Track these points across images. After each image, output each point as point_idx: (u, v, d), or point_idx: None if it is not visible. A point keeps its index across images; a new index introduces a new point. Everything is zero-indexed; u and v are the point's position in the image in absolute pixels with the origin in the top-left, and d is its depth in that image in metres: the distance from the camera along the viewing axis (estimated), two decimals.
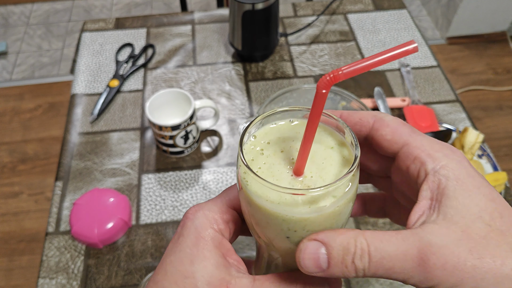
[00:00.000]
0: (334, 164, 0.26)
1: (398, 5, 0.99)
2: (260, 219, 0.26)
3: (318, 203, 0.24)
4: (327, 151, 0.27)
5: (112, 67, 0.87)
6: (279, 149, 0.27)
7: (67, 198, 0.67)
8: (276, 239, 0.26)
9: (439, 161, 0.24)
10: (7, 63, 2.01)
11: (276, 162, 0.27)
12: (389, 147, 0.27)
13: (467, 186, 0.23)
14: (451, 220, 0.22)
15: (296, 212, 0.24)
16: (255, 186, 0.25)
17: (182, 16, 0.97)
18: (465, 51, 1.99)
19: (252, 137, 0.28)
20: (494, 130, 1.69)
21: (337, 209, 0.25)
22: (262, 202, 0.25)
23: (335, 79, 0.22)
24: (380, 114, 0.28)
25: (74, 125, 0.77)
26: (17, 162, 1.62)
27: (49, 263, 0.61)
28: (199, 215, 0.28)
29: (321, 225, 0.25)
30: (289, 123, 0.29)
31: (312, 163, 0.26)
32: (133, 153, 0.73)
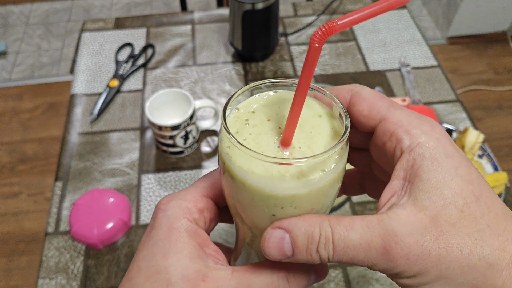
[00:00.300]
0: (323, 133, 0.25)
1: None
2: (244, 197, 0.24)
3: (307, 177, 0.22)
4: (315, 119, 0.25)
5: (112, 67, 0.86)
6: (265, 118, 0.26)
7: (67, 198, 0.67)
8: (261, 219, 0.25)
9: (416, 138, 0.23)
10: (7, 63, 2.01)
11: (262, 132, 0.25)
12: (366, 122, 0.25)
13: (443, 167, 0.22)
14: (421, 205, 0.21)
15: (283, 187, 0.22)
16: (239, 160, 0.23)
17: (182, 15, 0.97)
18: (465, 51, 1.99)
19: (235, 110, 0.26)
20: (495, 130, 1.69)
21: (326, 185, 0.23)
22: (247, 177, 0.23)
23: (330, 31, 0.21)
24: (357, 87, 0.26)
25: (73, 125, 0.77)
26: (17, 162, 1.62)
27: (48, 264, 0.60)
28: (172, 205, 0.26)
29: (309, 201, 0.23)
30: (274, 94, 0.27)
31: (300, 131, 0.24)
32: (132, 153, 0.73)
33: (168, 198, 0.27)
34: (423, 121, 0.24)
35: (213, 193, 0.28)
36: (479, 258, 0.20)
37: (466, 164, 0.22)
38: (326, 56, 0.88)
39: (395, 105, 0.25)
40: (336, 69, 0.85)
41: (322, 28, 0.21)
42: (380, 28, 0.94)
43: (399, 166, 0.23)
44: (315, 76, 0.84)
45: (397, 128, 0.24)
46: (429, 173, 0.22)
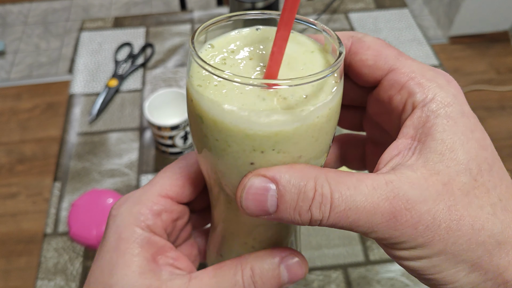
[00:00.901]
0: (316, 70, 0.21)
1: (400, 4, 0.98)
2: (216, 145, 0.20)
3: (294, 108, 0.18)
4: (307, 55, 0.22)
5: (111, 66, 0.86)
6: (247, 57, 0.21)
7: (65, 199, 0.67)
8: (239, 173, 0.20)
9: (431, 92, 0.20)
10: (5, 62, 2.00)
11: (243, 71, 0.21)
12: (371, 74, 0.22)
13: (459, 127, 0.19)
14: (433, 168, 0.19)
15: (263, 122, 0.18)
16: (211, 91, 0.19)
17: (181, 15, 0.96)
18: (467, 50, 1.99)
19: (208, 46, 0.22)
20: (497, 130, 1.69)
21: (318, 122, 0.19)
22: (218, 114, 0.19)
23: None
24: (358, 34, 0.23)
25: (72, 125, 0.76)
26: (15, 162, 1.62)
27: (47, 265, 0.60)
28: (123, 210, 0.24)
29: (297, 143, 0.19)
30: (255, 30, 0.23)
31: (289, 69, 0.21)
32: (132, 153, 0.72)
33: (121, 201, 0.24)
34: (437, 74, 0.21)
35: (174, 190, 0.25)
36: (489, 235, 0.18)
37: (481, 128, 0.20)
38: None
39: (404, 54, 0.22)
40: None
41: None
42: (381, 27, 0.93)
43: (409, 123, 0.20)
44: None
45: (409, 80, 0.21)
46: (443, 133, 0.19)
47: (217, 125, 0.19)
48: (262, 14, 0.23)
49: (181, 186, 0.25)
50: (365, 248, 0.61)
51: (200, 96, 0.20)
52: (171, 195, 0.25)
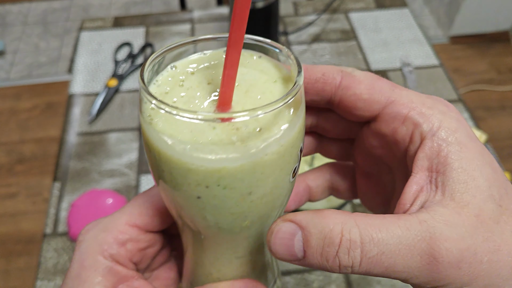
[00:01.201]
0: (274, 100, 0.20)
1: (400, 4, 0.98)
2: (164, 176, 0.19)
3: (240, 145, 0.17)
4: (268, 85, 0.21)
5: (111, 66, 0.86)
6: (205, 81, 0.21)
7: (65, 199, 0.66)
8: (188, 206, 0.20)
9: (436, 120, 0.20)
10: (5, 62, 2.00)
11: (199, 96, 0.20)
12: (366, 108, 0.22)
13: (472, 152, 0.19)
14: (462, 200, 0.18)
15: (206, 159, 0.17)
16: (159, 123, 0.19)
17: (181, 14, 0.96)
18: (467, 50, 1.99)
19: (172, 68, 0.22)
20: (497, 130, 1.69)
21: (266, 159, 0.18)
22: (163, 146, 0.18)
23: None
24: (347, 68, 0.23)
25: (72, 125, 0.76)
26: (14, 162, 1.61)
27: (47, 265, 0.60)
28: (89, 237, 0.23)
29: (243, 180, 0.18)
30: (221, 53, 0.23)
31: (246, 97, 0.20)
32: (131, 153, 0.72)
33: (89, 226, 0.24)
34: (435, 100, 0.21)
35: (142, 219, 0.24)
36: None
37: (486, 150, 0.20)
38: (327, 56, 0.87)
39: (398, 86, 0.22)
40: None
41: None
42: (381, 27, 0.93)
43: (422, 155, 0.20)
44: None
45: (410, 110, 0.20)
46: (461, 161, 0.19)
47: (162, 157, 0.19)
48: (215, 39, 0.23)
49: (150, 215, 0.24)
50: None
51: (148, 126, 0.19)
52: (139, 224, 0.24)
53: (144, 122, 0.20)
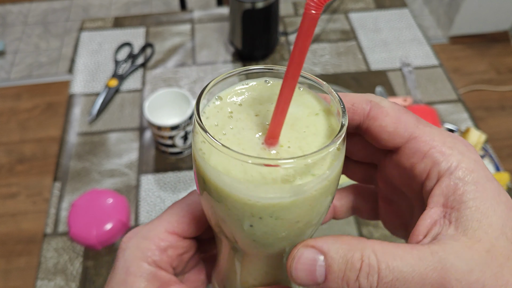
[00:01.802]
0: (318, 133, 0.21)
1: (400, 4, 0.98)
2: (217, 205, 0.21)
3: (292, 182, 0.19)
4: (310, 118, 0.22)
5: (111, 66, 0.86)
6: (253, 112, 0.22)
7: (65, 199, 0.66)
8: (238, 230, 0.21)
9: (455, 160, 0.21)
10: (5, 62, 2.00)
11: (246, 127, 0.21)
12: (390, 140, 0.23)
13: (487, 192, 0.20)
14: (474, 236, 0.19)
15: (263, 196, 0.19)
16: (213, 158, 0.20)
17: (181, 15, 0.96)
18: (467, 50, 1.99)
19: (217, 99, 0.23)
20: (497, 130, 1.69)
21: (315, 193, 0.20)
22: (222, 180, 0.20)
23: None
24: (376, 98, 0.24)
25: (72, 125, 0.76)
26: (15, 162, 1.61)
27: (47, 265, 0.60)
28: (131, 244, 0.25)
29: (294, 212, 0.20)
30: (264, 83, 0.24)
31: (292, 130, 0.21)
32: (131, 153, 0.72)
33: (130, 235, 0.26)
34: (456, 140, 0.22)
35: (181, 227, 0.26)
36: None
37: (503, 189, 0.21)
38: (327, 56, 0.87)
39: (423, 121, 0.23)
40: (336, 68, 0.85)
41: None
42: (381, 27, 0.93)
43: (438, 192, 0.21)
44: (315, 76, 0.84)
45: (430, 148, 0.21)
46: (475, 200, 0.20)
47: (218, 191, 0.20)
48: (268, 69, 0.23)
49: (187, 223, 0.26)
50: None
51: (202, 160, 0.20)
52: (178, 232, 0.26)
53: (197, 153, 0.21)
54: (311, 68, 0.85)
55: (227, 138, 0.21)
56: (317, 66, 0.85)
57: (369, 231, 0.62)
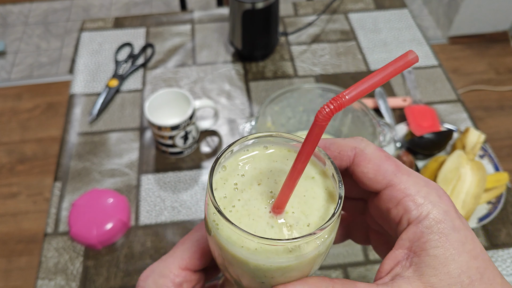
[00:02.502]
0: (317, 197, 0.24)
1: (399, 4, 0.98)
2: (232, 264, 0.23)
3: (300, 250, 0.22)
4: (308, 182, 0.25)
5: (111, 66, 0.86)
6: (256, 182, 0.24)
7: (66, 198, 0.67)
8: (251, 283, 0.24)
9: (425, 210, 0.23)
10: (6, 62, 2.01)
11: (252, 198, 0.24)
12: (371, 185, 0.25)
13: (451, 242, 0.22)
14: (427, 281, 0.21)
15: (274, 261, 0.22)
16: (227, 231, 0.22)
17: (181, 15, 0.97)
18: (466, 50, 1.99)
19: (222, 169, 0.25)
20: (496, 130, 1.69)
21: (318, 253, 0.23)
22: (235, 250, 0.22)
23: (339, 107, 0.20)
24: (361, 144, 0.25)
25: (72, 125, 0.76)
26: (16, 162, 1.62)
27: (47, 264, 0.60)
28: (149, 283, 0.27)
29: (300, 270, 0.23)
30: (263, 149, 0.26)
31: (293, 196, 0.23)
32: (132, 153, 0.72)
33: (147, 273, 0.28)
34: (430, 190, 0.24)
35: (192, 262, 0.28)
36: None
37: (472, 238, 0.22)
38: (327, 56, 0.88)
39: (402, 168, 0.25)
40: (336, 69, 0.85)
41: (330, 105, 0.20)
42: (380, 27, 0.93)
43: (405, 236, 0.23)
44: (315, 76, 0.84)
45: (404, 197, 0.23)
46: (436, 249, 0.22)
47: (234, 257, 0.22)
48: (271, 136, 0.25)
49: (198, 258, 0.28)
50: (365, 248, 0.61)
51: (216, 230, 0.22)
52: (190, 267, 0.28)
53: (210, 224, 0.23)
54: (311, 68, 0.85)
55: (237, 210, 0.23)
56: (317, 66, 0.86)
57: None
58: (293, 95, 0.65)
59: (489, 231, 0.63)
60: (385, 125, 0.62)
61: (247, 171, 0.25)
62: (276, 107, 0.65)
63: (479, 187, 0.61)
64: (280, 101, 0.65)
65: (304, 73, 0.84)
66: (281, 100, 0.65)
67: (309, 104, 0.67)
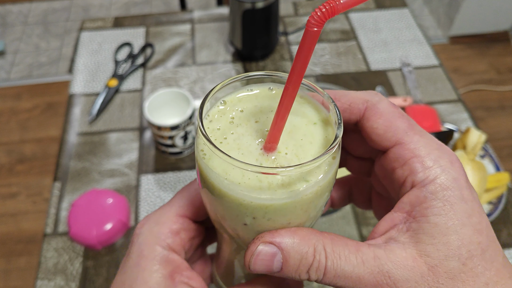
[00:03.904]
0: (314, 142, 0.22)
1: (400, 4, 0.98)
2: (215, 202, 0.22)
3: (286, 187, 0.20)
4: (308, 127, 0.23)
5: (111, 66, 0.86)
6: (253, 119, 0.23)
7: (65, 199, 0.66)
8: (234, 226, 0.23)
9: (432, 173, 0.21)
10: (5, 62, 2.00)
11: (246, 133, 0.23)
12: (379, 142, 0.23)
13: (456, 212, 0.20)
14: (423, 250, 0.20)
15: (256, 197, 0.20)
16: (213, 161, 0.21)
17: (181, 15, 0.96)
18: (467, 50, 1.99)
19: (221, 103, 0.24)
20: (497, 130, 1.69)
21: (306, 198, 0.21)
22: (219, 182, 0.21)
23: (332, 12, 0.18)
24: (374, 97, 0.24)
25: (72, 125, 0.76)
26: (15, 162, 1.61)
27: (47, 265, 0.60)
28: (145, 230, 0.26)
29: (285, 215, 0.21)
30: (268, 90, 0.25)
31: (290, 138, 0.22)
32: (131, 153, 0.72)
33: (143, 221, 0.26)
34: (442, 153, 0.22)
35: (190, 210, 0.27)
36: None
37: (479, 211, 0.21)
38: (327, 56, 0.87)
39: (415, 127, 0.23)
40: (337, 68, 0.85)
41: (322, 9, 0.18)
42: (381, 27, 0.93)
43: (406, 200, 0.21)
44: (315, 76, 0.84)
45: (412, 157, 0.22)
46: (438, 216, 0.20)
47: (216, 189, 0.21)
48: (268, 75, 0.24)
49: (197, 207, 0.27)
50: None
51: (203, 161, 0.22)
52: (188, 215, 0.27)
53: (198, 154, 0.22)
54: (312, 68, 0.85)
55: (228, 142, 0.22)
56: (317, 66, 0.85)
57: (369, 231, 0.62)
58: None
59: None
60: None
61: (247, 107, 0.24)
62: None
63: (480, 187, 0.61)
64: None
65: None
66: None
67: None
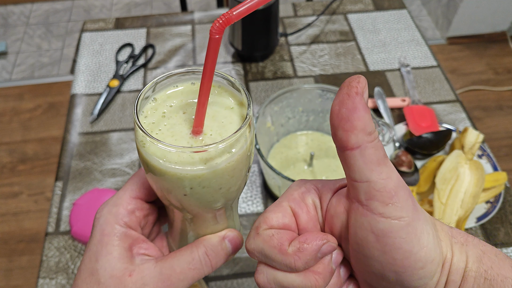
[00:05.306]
0: (233, 122, 0.27)
1: (398, 5, 0.99)
2: (157, 178, 0.27)
3: (212, 160, 0.25)
4: (227, 111, 0.28)
5: (112, 67, 0.86)
6: (181, 111, 0.28)
7: (67, 198, 0.67)
8: (177, 198, 0.27)
9: None
10: (7, 63, 2.01)
11: (177, 123, 0.27)
12: None
13: None
14: None
15: (191, 170, 0.25)
16: (152, 148, 0.26)
17: (182, 16, 0.97)
18: (465, 51, 1.99)
19: (153, 100, 0.29)
20: (494, 130, 1.69)
21: (230, 165, 0.26)
22: (159, 164, 0.25)
23: (228, 21, 0.22)
24: None
25: (74, 125, 0.77)
26: (17, 162, 1.62)
27: (48, 263, 0.61)
28: (104, 212, 0.30)
29: (216, 181, 0.26)
30: (191, 85, 0.30)
31: (213, 121, 0.27)
32: (133, 153, 0.73)
33: (102, 206, 0.31)
34: None
35: (141, 192, 0.31)
36: None
37: None
38: (326, 56, 0.88)
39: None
40: (335, 69, 0.86)
41: (219, 20, 0.22)
42: (379, 28, 0.94)
43: None
44: (314, 77, 0.84)
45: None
46: None
47: (158, 170, 0.26)
48: (189, 73, 0.29)
49: (147, 189, 0.31)
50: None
51: (143, 149, 0.26)
52: (140, 196, 0.31)
53: (138, 144, 0.26)
54: (310, 69, 0.86)
55: (162, 132, 0.27)
56: (316, 66, 0.86)
57: None
58: (292, 95, 0.66)
59: (487, 230, 0.63)
60: (384, 125, 0.63)
61: (175, 102, 0.29)
62: (275, 107, 0.65)
63: (477, 187, 0.61)
64: (279, 101, 0.65)
65: (303, 74, 0.85)
66: (280, 100, 0.65)
67: (308, 104, 0.67)
